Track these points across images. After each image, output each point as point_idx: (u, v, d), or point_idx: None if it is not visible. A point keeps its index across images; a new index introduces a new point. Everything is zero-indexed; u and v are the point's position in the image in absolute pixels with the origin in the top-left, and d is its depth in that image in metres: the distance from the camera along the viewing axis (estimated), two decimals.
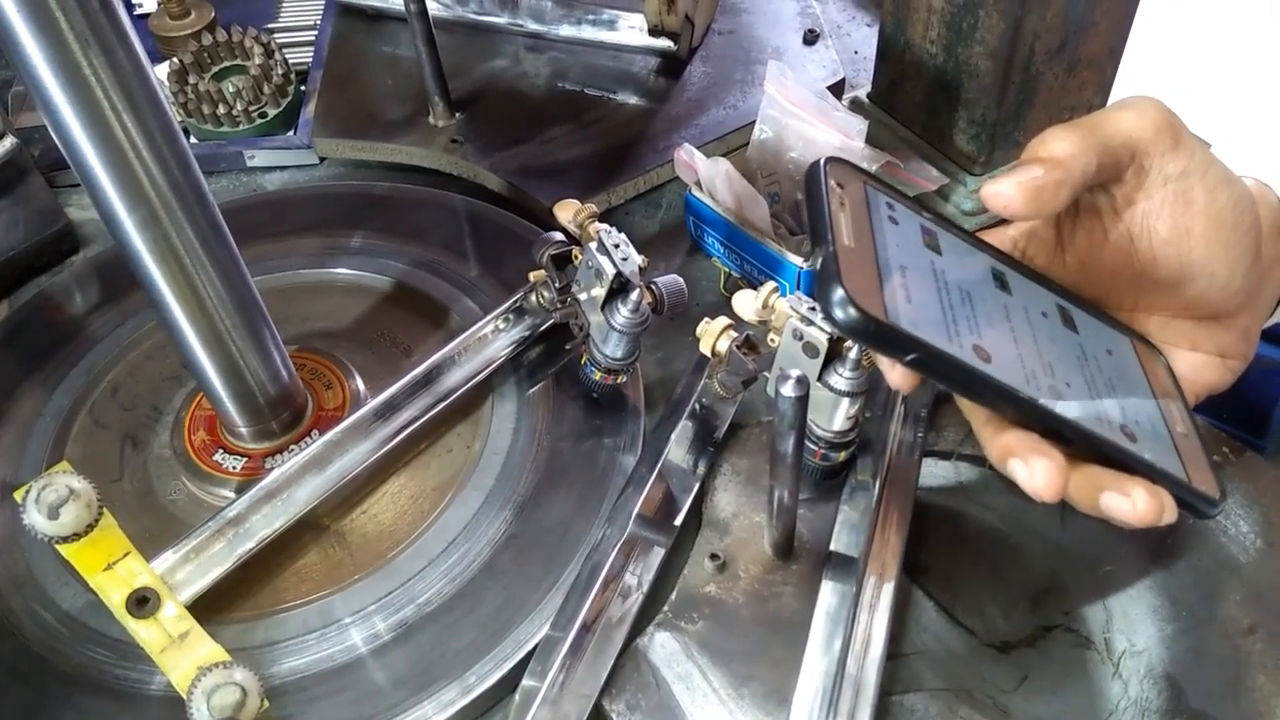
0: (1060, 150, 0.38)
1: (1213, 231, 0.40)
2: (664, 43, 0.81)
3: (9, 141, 0.68)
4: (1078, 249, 0.43)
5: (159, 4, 0.86)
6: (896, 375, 0.38)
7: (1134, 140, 0.39)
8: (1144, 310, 0.44)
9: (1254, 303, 0.43)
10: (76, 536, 0.45)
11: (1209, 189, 0.40)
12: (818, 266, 0.33)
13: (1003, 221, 0.44)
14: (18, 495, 0.46)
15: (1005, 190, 0.37)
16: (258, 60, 0.80)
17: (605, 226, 0.54)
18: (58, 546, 0.45)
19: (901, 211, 0.38)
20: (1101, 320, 0.43)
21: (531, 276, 0.59)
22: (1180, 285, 0.42)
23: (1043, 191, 0.37)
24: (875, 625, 0.45)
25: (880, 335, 0.33)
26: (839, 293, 0.32)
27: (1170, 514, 0.36)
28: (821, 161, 0.37)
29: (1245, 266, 0.41)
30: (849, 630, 0.45)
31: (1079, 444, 0.36)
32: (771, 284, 0.50)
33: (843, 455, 0.51)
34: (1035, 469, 0.35)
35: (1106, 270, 0.43)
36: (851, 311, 0.32)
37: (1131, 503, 0.35)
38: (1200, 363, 0.44)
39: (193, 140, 0.80)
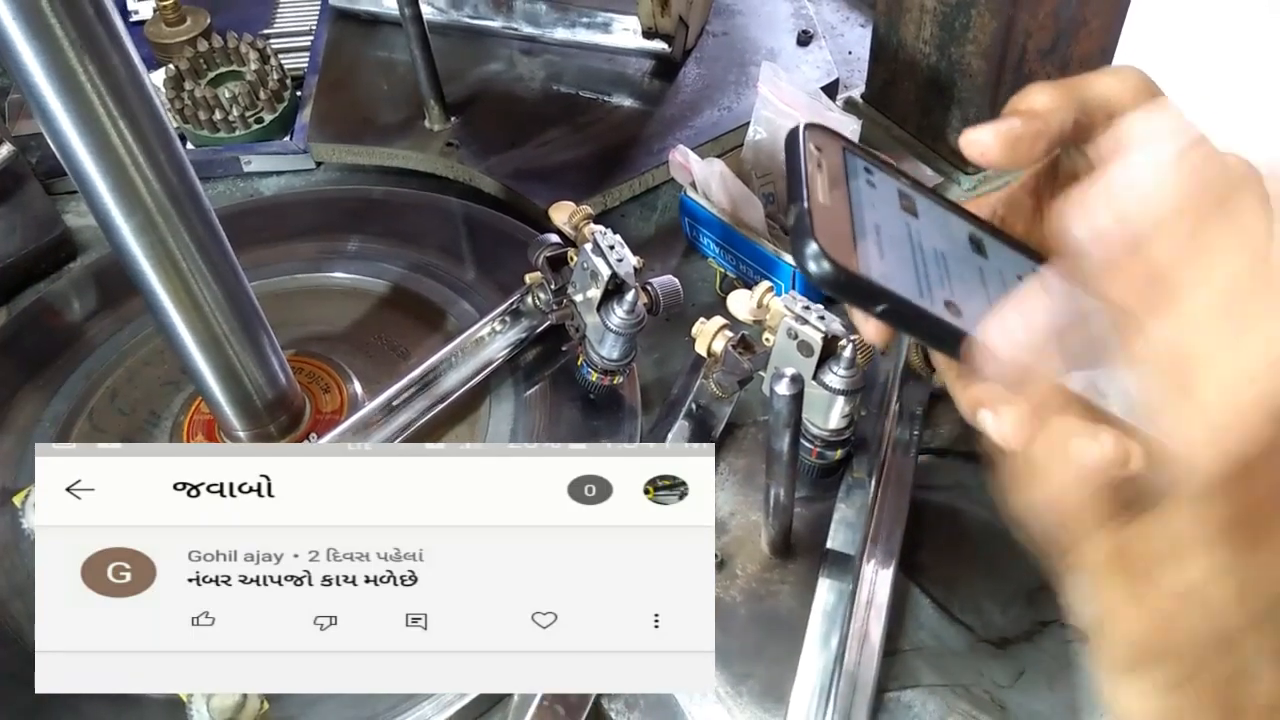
0: (1039, 104, 0.39)
1: None
2: (658, 45, 0.81)
3: (6, 149, 0.69)
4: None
5: (155, 10, 0.86)
6: (870, 328, 0.39)
7: (1111, 101, 0.40)
8: None
9: None
10: None
11: None
12: (791, 223, 0.34)
13: None
14: (17, 500, 0.46)
15: (983, 138, 0.38)
16: (253, 66, 0.80)
17: (600, 228, 0.54)
18: None
19: (879, 177, 0.39)
20: None
21: (527, 279, 0.59)
22: None
23: (1020, 141, 0.38)
24: (872, 622, 0.45)
25: (851, 285, 0.34)
26: (812, 246, 0.33)
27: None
28: (801, 125, 0.37)
29: None
30: (846, 627, 0.45)
31: None
32: (766, 284, 0.51)
33: (839, 453, 0.51)
34: (1004, 417, 0.35)
35: None
36: (825, 264, 0.33)
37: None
38: None
39: (189, 146, 0.80)
